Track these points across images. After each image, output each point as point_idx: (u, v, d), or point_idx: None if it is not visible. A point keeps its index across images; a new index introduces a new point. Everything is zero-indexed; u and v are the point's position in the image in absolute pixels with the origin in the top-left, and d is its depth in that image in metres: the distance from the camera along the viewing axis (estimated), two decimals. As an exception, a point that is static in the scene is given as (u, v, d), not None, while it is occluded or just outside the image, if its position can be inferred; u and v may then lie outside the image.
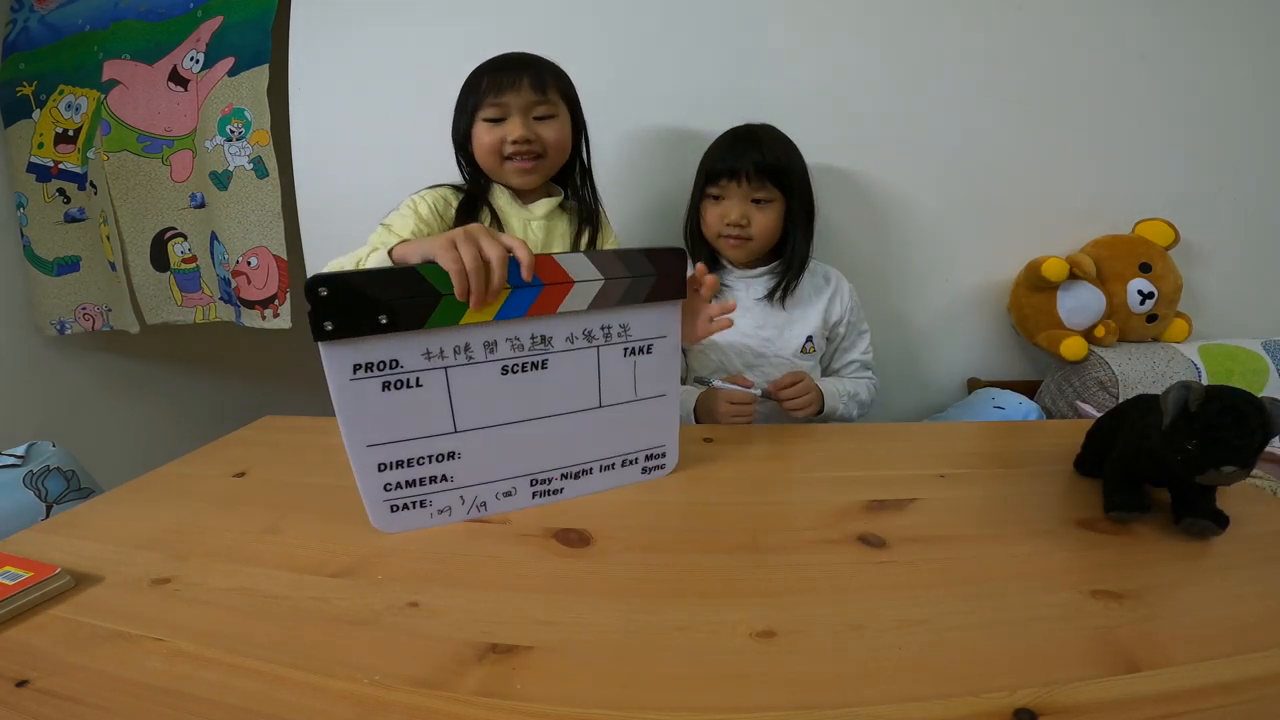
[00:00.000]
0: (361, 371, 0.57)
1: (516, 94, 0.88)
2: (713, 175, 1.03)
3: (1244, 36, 1.20)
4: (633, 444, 0.70)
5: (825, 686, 0.42)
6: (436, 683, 0.42)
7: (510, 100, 0.88)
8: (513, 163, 0.91)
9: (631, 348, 0.66)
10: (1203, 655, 0.43)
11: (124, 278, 1.47)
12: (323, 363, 0.56)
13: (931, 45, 1.20)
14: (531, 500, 0.67)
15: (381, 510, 0.62)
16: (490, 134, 0.90)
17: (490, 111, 0.89)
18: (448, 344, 0.59)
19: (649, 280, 0.64)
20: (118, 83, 1.40)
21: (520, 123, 0.89)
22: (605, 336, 0.65)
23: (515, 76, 0.88)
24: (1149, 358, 1.19)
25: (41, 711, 0.40)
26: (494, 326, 0.60)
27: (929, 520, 0.63)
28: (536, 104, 0.90)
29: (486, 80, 0.89)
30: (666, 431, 0.72)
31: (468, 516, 0.65)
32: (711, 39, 1.21)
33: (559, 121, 0.92)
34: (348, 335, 0.55)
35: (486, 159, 0.92)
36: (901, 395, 1.35)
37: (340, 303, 0.54)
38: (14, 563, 0.54)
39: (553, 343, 0.63)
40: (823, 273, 1.12)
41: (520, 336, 0.61)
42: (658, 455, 0.72)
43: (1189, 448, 0.53)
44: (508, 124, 0.89)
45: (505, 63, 0.91)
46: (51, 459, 1.02)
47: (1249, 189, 1.26)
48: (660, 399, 0.70)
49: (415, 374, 0.59)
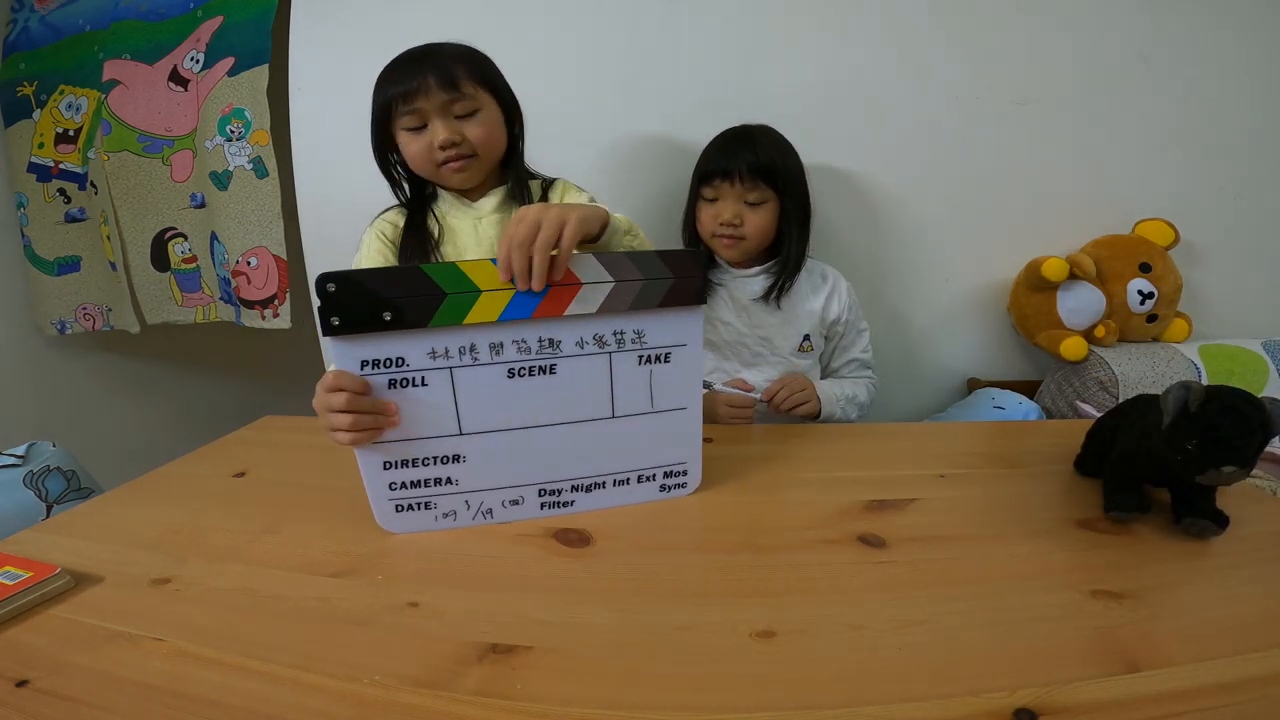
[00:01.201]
0: (369, 368, 0.58)
1: (426, 97, 0.79)
2: (706, 175, 1.03)
3: (1244, 36, 1.20)
4: (650, 459, 0.67)
5: (825, 686, 0.42)
6: (436, 683, 0.42)
7: (422, 104, 0.80)
8: (446, 167, 0.83)
9: (647, 355, 0.63)
10: (1203, 655, 0.43)
11: (124, 278, 1.47)
12: (332, 357, 0.57)
13: (931, 45, 1.20)
14: (540, 511, 0.65)
15: (386, 509, 0.62)
16: (415, 143, 0.82)
17: (407, 120, 0.82)
18: (453, 344, 0.58)
19: (664, 284, 0.61)
20: (118, 83, 1.40)
21: (442, 126, 0.80)
22: (618, 342, 0.62)
23: (418, 77, 0.79)
24: (1149, 358, 1.19)
25: (41, 711, 0.41)
26: (499, 328, 0.59)
27: (929, 520, 0.63)
28: (452, 102, 0.80)
29: (390, 87, 0.81)
30: (688, 448, 0.68)
31: (473, 523, 0.64)
32: (711, 39, 1.21)
33: (484, 114, 0.83)
34: (354, 331, 0.56)
35: (420, 167, 0.85)
36: (901, 395, 1.35)
37: (347, 299, 0.55)
38: (14, 563, 0.54)
39: (561, 347, 0.61)
40: (820, 271, 1.11)
41: (527, 339, 0.60)
42: (678, 473, 0.68)
43: (1189, 448, 0.53)
44: (429, 130, 0.81)
45: (404, 61, 0.82)
46: (51, 459, 1.02)
47: (1249, 189, 1.26)
48: (680, 412, 0.66)
49: (421, 373, 0.59)
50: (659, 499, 0.68)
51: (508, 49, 0.93)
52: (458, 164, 0.83)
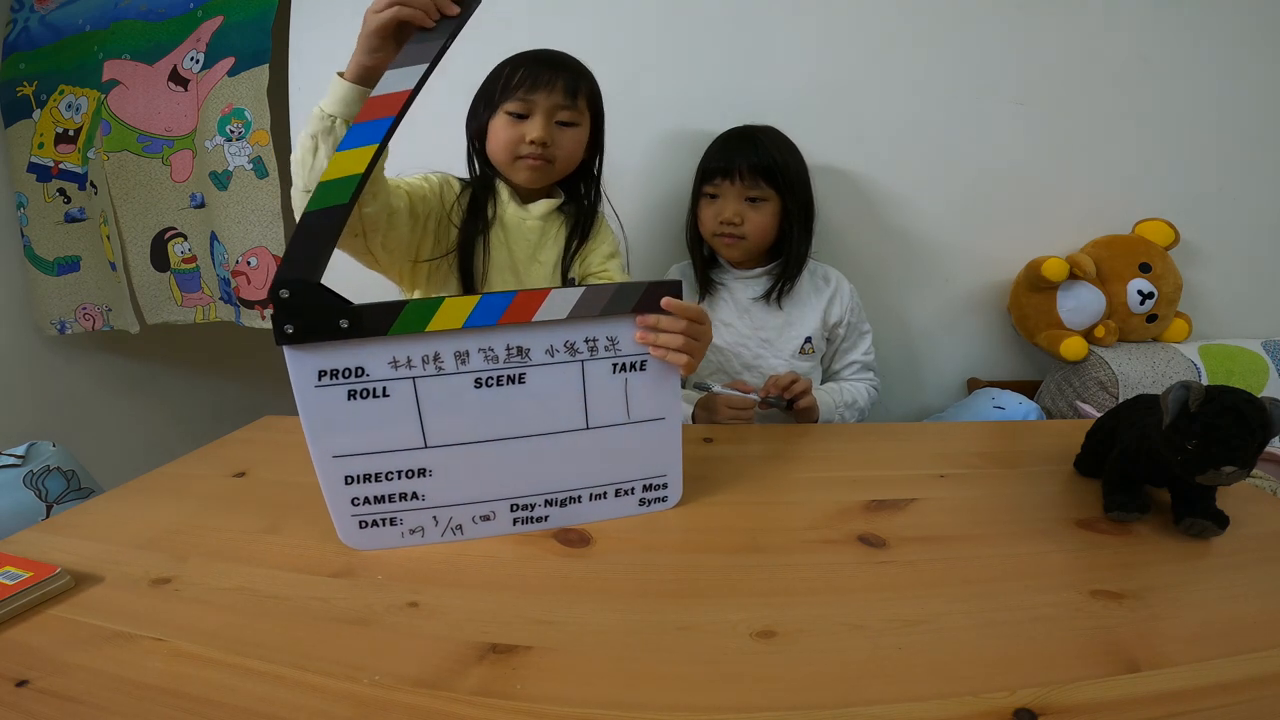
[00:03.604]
0: (326, 378, 0.55)
1: (548, 94, 0.86)
2: (708, 174, 1.03)
3: (1244, 37, 1.20)
4: (627, 472, 0.64)
5: (825, 686, 0.42)
6: (436, 683, 0.42)
7: (539, 99, 0.86)
8: (523, 160, 0.89)
9: (622, 363, 0.60)
10: (1203, 655, 0.43)
11: (124, 278, 1.47)
12: (287, 368, 0.54)
13: (932, 45, 1.20)
14: (513, 527, 0.62)
15: (350, 525, 0.60)
16: (510, 129, 0.88)
17: (516, 106, 0.87)
18: (415, 352, 0.56)
19: (638, 289, 0.59)
20: (118, 83, 1.40)
21: (541, 124, 0.86)
22: (590, 350, 0.59)
23: (551, 76, 0.86)
24: (1149, 358, 1.19)
25: (41, 711, 0.41)
26: (465, 335, 0.56)
27: (929, 520, 0.63)
28: (563, 108, 0.88)
29: (521, 73, 0.87)
30: (667, 459, 0.65)
31: (442, 539, 0.61)
32: (713, 40, 1.21)
33: (579, 130, 0.91)
34: (309, 339, 0.53)
35: (499, 153, 0.90)
36: (901, 395, 1.35)
37: (301, 305, 0.52)
38: (14, 563, 0.54)
39: (530, 355, 0.58)
40: (822, 273, 1.12)
41: (494, 347, 0.57)
42: (657, 486, 0.66)
43: (1189, 448, 0.53)
44: (529, 123, 0.87)
45: (543, 59, 0.88)
46: (51, 459, 1.02)
47: (1249, 189, 1.26)
48: (658, 423, 0.63)
49: (382, 383, 0.56)
50: (638, 513, 0.65)
51: (508, 50, 0.93)
52: (536, 162, 0.88)
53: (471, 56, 0.95)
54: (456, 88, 0.97)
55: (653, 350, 0.60)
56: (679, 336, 0.59)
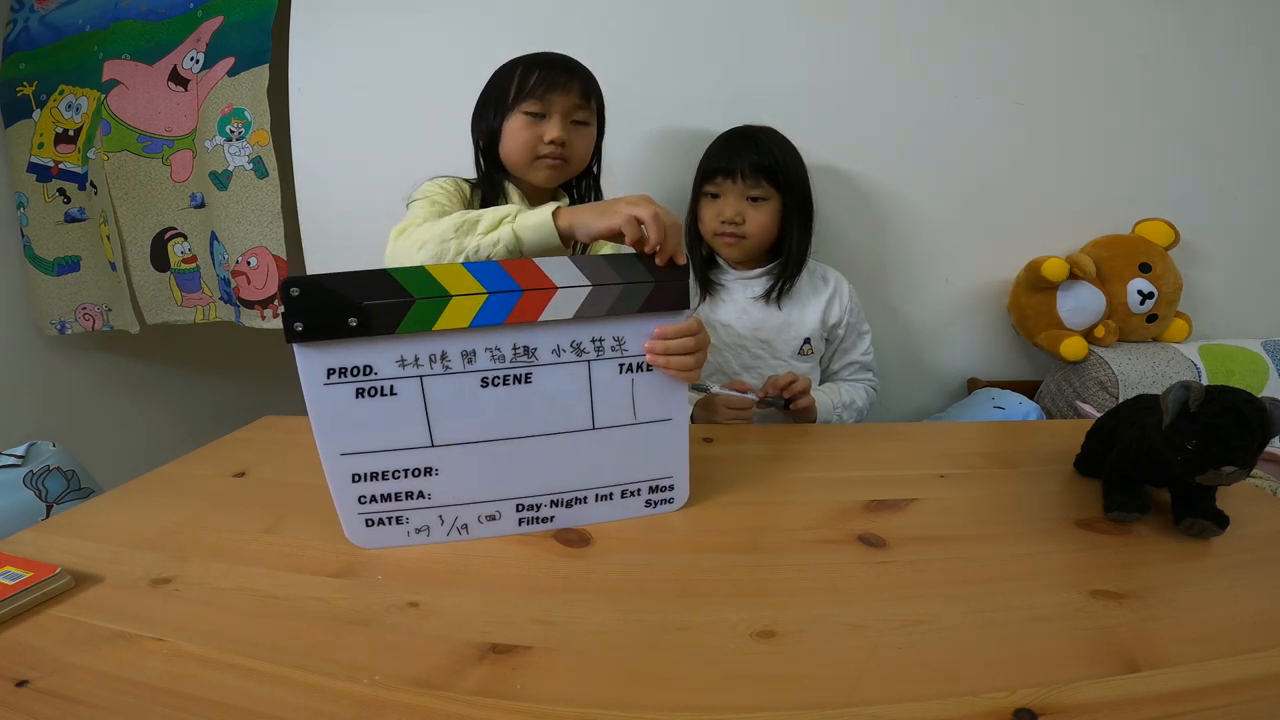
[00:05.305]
0: (335, 376, 0.55)
1: (565, 95, 0.88)
2: (709, 174, 1.03)
3: (1244, 37, 1.20)
4: (634, 473, 0.64)
5: (825, 686, 0.42)
6: (436, 683, 0.42)
7: (557, 100, 0.88)
8: (542, 160, 0.90)
9: (628, 364, 0.60)
10: (1203, 655, 0.43)
11: (124, 278, 1.47)
12: (297, 366, 0.54)
13: (932, 45, 1.20)
14: (519, 527, 0.62)
15: (356, 524, 0.60)
16: (527, 130, 0.88)
17: (533, 106, 0.88)
18: (423, 351, 0.56)
19: (644, 288, 0.59)
20: (118, 83, 1.40)
21: (559, 124, 0.88)
22: (597, 350, 0.59)
23: (567, 78, 0.88)
24: (1149, 358, 1.19)
25: (41, 711, 0.41)
26: (472, 334, 0.56)
27: (929, 520, 0.63)
28: (578, 109, 0.90)
29: (537, 75, 0.88)
30: (674, 461, 0.65)
31: (448, 539, 0.61)
32: (713, 39, 1.21)
33: (590, 130, 0.93)
34: (318, 338, 0.54)
35: (516, 153, 0.90)
36: (901, 395, 1.35)
37: (311, 304, 0.53)
38: (14, 563, 0.54)
39: (537, 354, 0.58)
40: (821, 274, 1.12)
41: (500, 346, 0.57)
42: (664, 488, 0.65)
43: (1189, 448, 0.53)
44: (547, 123, 0.88)
45: (555, 62, 0.90)
46: (51, 459, 1.02)
47: (1249, 189, 1.26)
48: (664, 424, 0.63)
49: (389, 381, 0.56)
50: (644, 514, 0.65)
51: (508, 51, 0.93)
52: (555, 161, 0.90)
53: (471, 56, 0.96)
54: (457, 88, 0.97)
55: (666, 372, 0.62)
56: (688, 358, 0.61)
